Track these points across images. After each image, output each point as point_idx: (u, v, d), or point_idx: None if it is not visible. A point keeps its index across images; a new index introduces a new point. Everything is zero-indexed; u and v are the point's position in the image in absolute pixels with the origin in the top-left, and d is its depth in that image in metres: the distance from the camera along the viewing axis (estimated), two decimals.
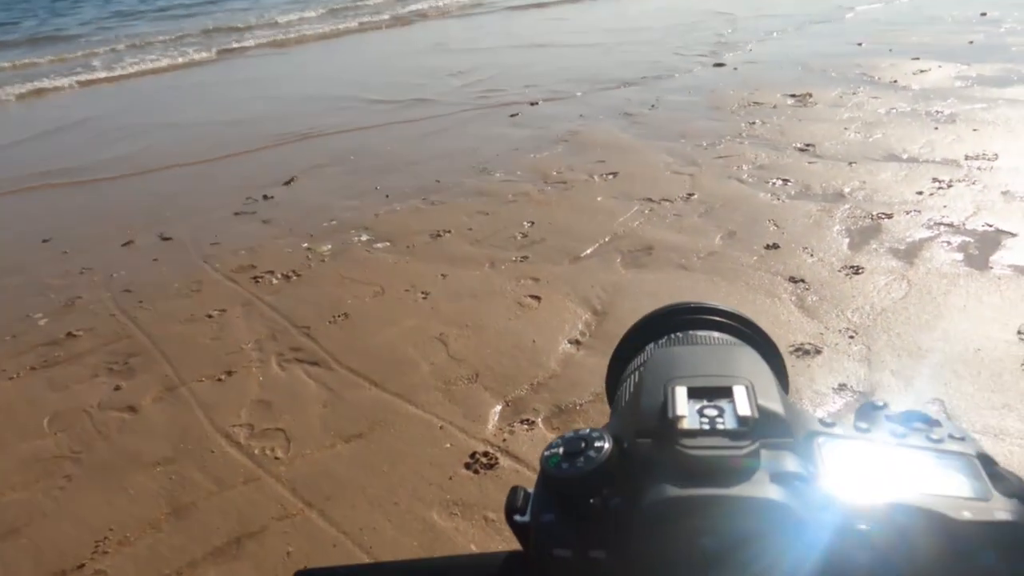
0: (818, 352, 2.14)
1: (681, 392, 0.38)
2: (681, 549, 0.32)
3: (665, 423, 0.36)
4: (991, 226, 2.74)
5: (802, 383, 2.00)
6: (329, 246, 3.39)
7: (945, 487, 0.32)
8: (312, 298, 2.89)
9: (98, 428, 2.21)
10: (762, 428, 0.35)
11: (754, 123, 4.40)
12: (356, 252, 3.30)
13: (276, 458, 1.98)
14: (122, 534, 1.79)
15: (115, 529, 1.81)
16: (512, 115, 5.34)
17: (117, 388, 2.42)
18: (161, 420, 2.23)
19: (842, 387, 1.98)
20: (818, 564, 0.31)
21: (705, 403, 0.37)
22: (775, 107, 4.68)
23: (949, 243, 2.67)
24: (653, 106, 5.10)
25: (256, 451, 2.02)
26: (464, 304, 2.70)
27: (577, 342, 2.37)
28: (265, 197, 4.20)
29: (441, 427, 2.02)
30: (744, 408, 0.36)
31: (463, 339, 2.47)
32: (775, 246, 2.82)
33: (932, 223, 2.84)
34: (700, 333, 0.48)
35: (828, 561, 0.31)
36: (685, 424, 0.35)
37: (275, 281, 3.08)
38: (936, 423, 0.36)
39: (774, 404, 0.37)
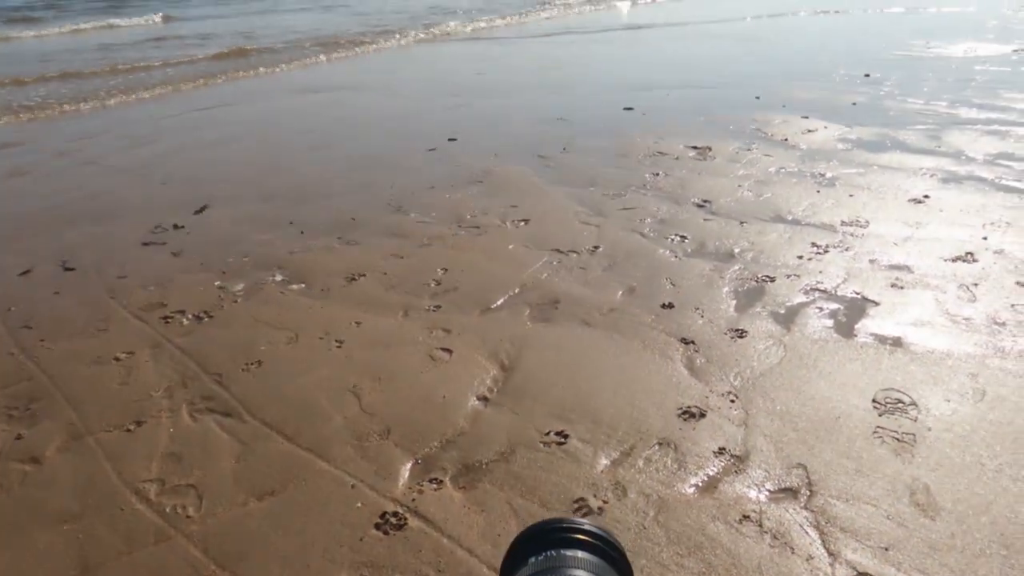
0: (703, 415, 2.35)
1: None
2: None
3: None
4: (858, 294, 3.06)
5: (687, 447, 2.21)
6: (242, 285, 3.41)
7: None
8: (225, 342, 2.91)
9: None
10: None
11: (658, 174, 4.67)
12: (270, 293, 3.33)
13: (188, 516, 2.02)
14: None
15: None
16: (430, 149, 5.46)
17: (19, 437, 2.38)
18: (66, 472, 2.22)
19: (721, 451, 2.19)
20: None
21: None
22: (678, 159, 4.98)
23: (821, 309, 2.96)
24: (565, 149, 5.32)
25: (167, 508, 2.05)
26: (377, 354, 2.80)
27: (485, 398, 2.50)
28: (176, 226, 4.15)
29: (353, 485, 2.11)
30: None
31: (376, 391, 2.56)
32: (671, 305, 3.05)
33: (808, 288, 3.13)
34: (569, 554, 0.61)
35: None
36: None
37: (186, 322, 3.09)
38: None
39: None
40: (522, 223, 4.00)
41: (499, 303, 3.16)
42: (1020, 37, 8.87)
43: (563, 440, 2.26)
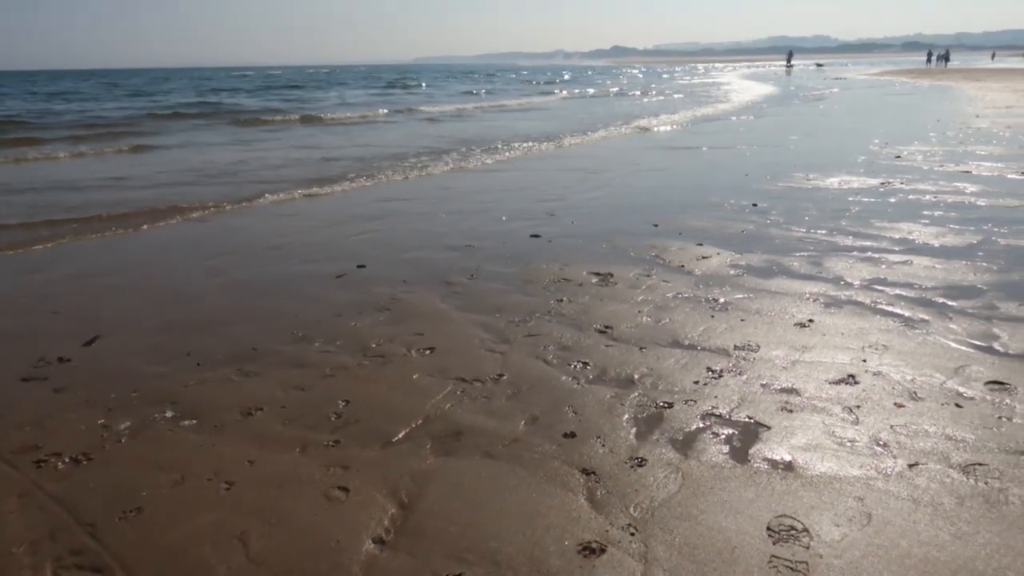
0: (603, 551, 2.32)
1: None
2: None
3: None
4: (751, 419, 3.16)
5: None
6: (128, 423, 3.23)
7: None
8: (103, 487, 2.72)
9: None
10: None
11: (562, 300, 4.81)
12: (159, 430, 3.17)
13: None
14: None
15: None
16: (338, 276, 5.46)
17: None
18: None
19: None
20: None
21: None
22: (581, 285, 5.15)
23: (717, 435, 3.04)
24: (473, 276, 5.43)
25: None
26: (270, 495, 2.67)
27: (381, 540, 2.40)
28: (60, 359, 3.95)
29: None
30: None
31: (265, 538, 2.42)
32: (573, 434, 3.06)
33: (705, 413, 3.22)
34: None
35: None
36: None
37: (61, 466, 2.88)
38: None
39: None
40: (427, 351, 4.00)
41: (401, 436, 3.10)
42: (886, 171, 9.80)
43: None
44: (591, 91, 39.81)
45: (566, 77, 62.04)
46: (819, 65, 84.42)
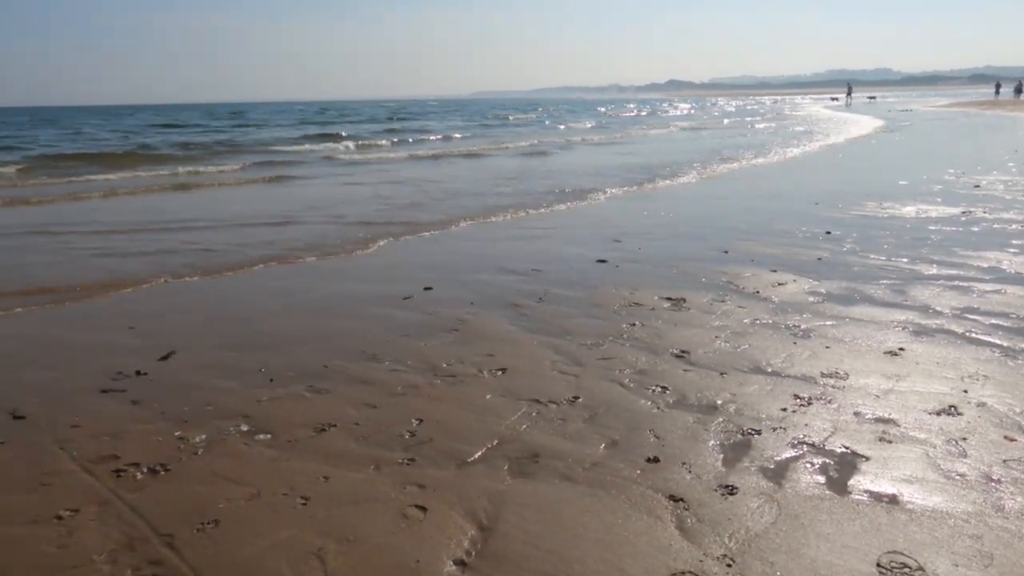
0: None
1: None
2: None
3: None
4: (847, 448, 2.97)
5: None
6: (204, 436, 3.22)
7: None
8: (180, 499, 2.70)
9: None
10: None
11: (634, 324, 4.67)
12: (233, 444, 3.14)
13: None
14: None
15: None
16: (405, 298, 5.44)
17: None
18: None
19: None
20: None
21: None
22: (653, 309, 5.01)
23: (812, 464, 2.85)
24: (540, 299, 5.34)
25: None
26: (345, 512, 2.60)
27: (462, 563, 2.30)
28: (138, 373, 3.99)
29: None
30: None
31: (342, 555, 2.34)
32: (656, 459, 2.92)
33: (796, 442, 3.04)
34: None
35: None
36: None
37: (139, 476, 2.87)
38: None
39: None
40: (499, 372, 3.91)
41: (476, 456, 3.00)
42: (965, 200, 9.41)
43: None
44: (683, 124, 38.77)
45: (676, 111, 59.70)
46: (871, 98, 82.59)
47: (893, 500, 2.59)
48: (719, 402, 3.46)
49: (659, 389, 3.63)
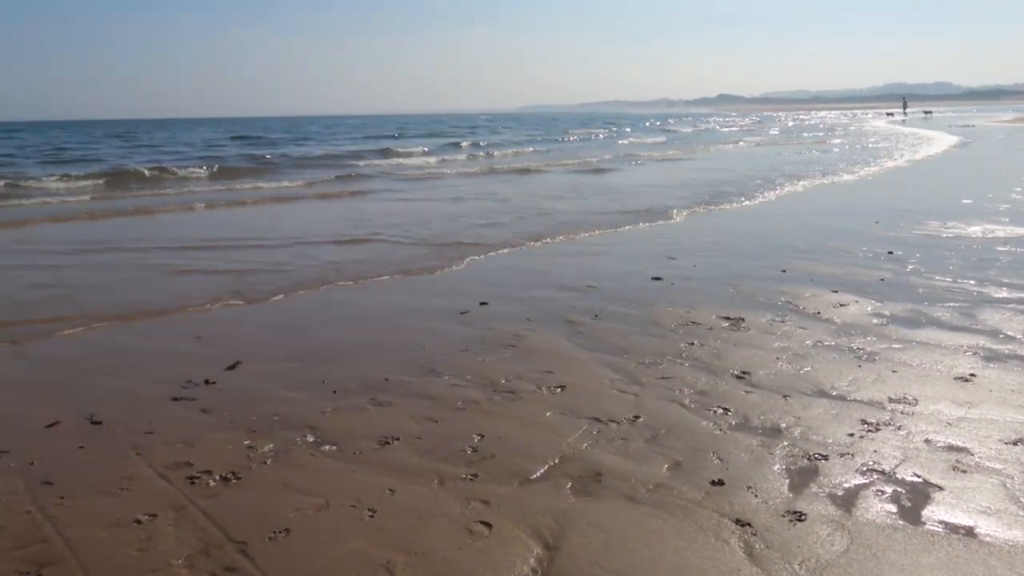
0: None
1: None
2: None
3: None
4: (919, 477, 2.89)
5: None
6: (272, 445, 3.30)
7: None
8: (251, 507, 2.77)
9: None
10: None
11: (692, 343, 4.64)
12: (300, 455, 3.21)
13: None
14: None
15: None
16: (462, 312, 5.50)
17: None
18: None
19: None
20: None
21: None
22: (711, 329, 4.96)
23: (883, 492, 2.79)
24: (596, 316, 5.34)
25: None
26: (412, 526, 2.63)
27: None
28: (207, 382, 4.11)
29: None
30: None
31: (410, 569, 2.38)
32: (720, 482, 2.89)
33: (865, 469, 2.97)
34: None
35: None
36: None
37: (212, 483, 2.96)
38: None
39: None
40: (558, 389, 3.92)
41: (539, 474, 3.01)
42: None
43: None
44: (754, 138, 38.10)
45: (732, 129, 57.94)
46: (927, 113, 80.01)
47: (970, 532, 2.52)
48: (783, 425, 3.41)
49: (721, 410, 3.59)
